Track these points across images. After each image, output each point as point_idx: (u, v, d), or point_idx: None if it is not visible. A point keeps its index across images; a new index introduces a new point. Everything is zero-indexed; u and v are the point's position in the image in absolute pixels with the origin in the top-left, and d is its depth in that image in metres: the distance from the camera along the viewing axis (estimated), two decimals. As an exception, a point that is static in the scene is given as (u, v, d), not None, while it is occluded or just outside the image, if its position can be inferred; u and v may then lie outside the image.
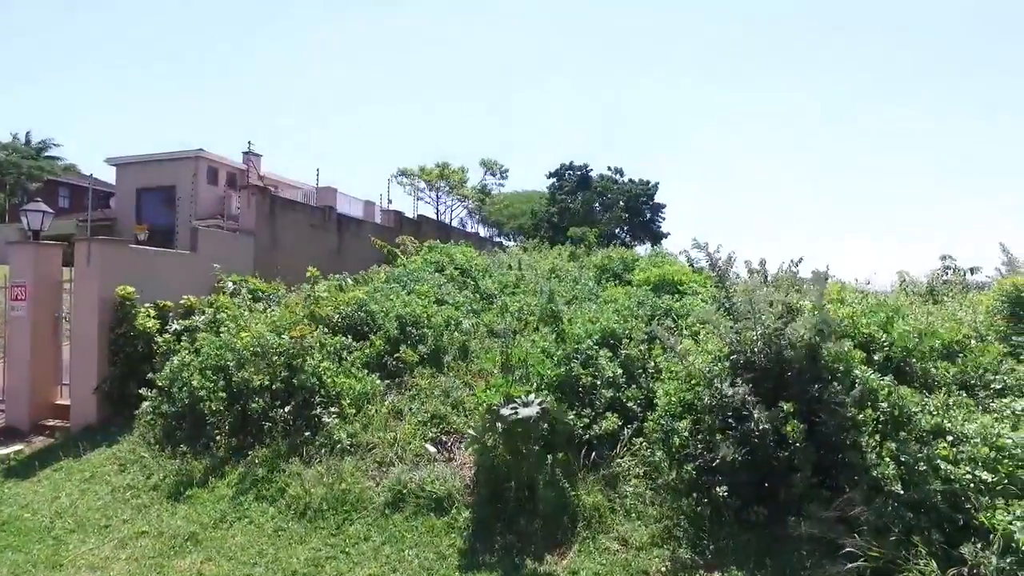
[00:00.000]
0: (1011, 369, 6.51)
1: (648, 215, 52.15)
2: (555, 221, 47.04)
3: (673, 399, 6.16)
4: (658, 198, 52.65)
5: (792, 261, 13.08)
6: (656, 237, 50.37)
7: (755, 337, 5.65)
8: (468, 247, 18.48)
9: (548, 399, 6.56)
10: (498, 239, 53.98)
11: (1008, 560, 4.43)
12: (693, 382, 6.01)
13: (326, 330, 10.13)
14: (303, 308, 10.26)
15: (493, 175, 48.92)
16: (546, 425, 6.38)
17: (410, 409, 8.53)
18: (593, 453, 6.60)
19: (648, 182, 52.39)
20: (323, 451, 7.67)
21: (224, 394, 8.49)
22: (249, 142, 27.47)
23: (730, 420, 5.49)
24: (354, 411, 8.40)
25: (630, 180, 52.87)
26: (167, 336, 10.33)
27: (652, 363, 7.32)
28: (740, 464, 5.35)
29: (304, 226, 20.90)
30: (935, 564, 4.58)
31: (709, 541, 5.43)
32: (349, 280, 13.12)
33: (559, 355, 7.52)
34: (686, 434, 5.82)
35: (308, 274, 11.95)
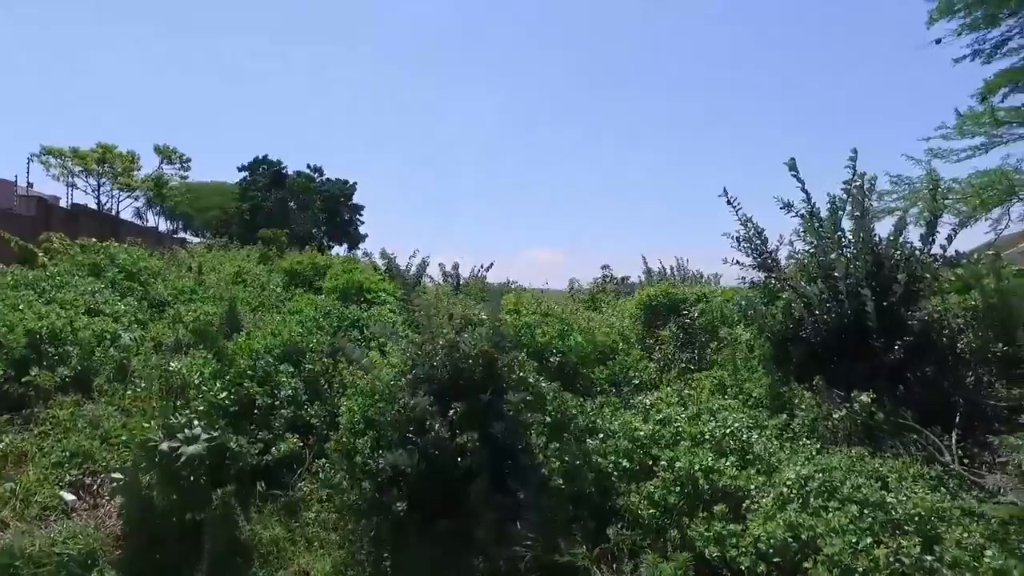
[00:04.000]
0: (645, 367, 7.82)
1: (346, 216, 51.40)
2: (247, 218, 43.40)
3: (356, 415, 5.98)
4: (357, 198, 52.22)
5: (482, 266, 14.12)
6: (354, 239, 49.96)
7: (435, 350, 5.78)
8: (137, 245, 15.99)
9: (218, 425, 5.86)
10: (182, 234, 48.13)
11: (638, 532, 5.24)
12: (376, 396, 5.92)
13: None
14: None
15: (171, 163, 42.80)
16: (210, 455, 5.68)
17: (40, 449, 6.89)
18: (272, 480, 6.09)
19: (347, 182, 51.55)
20: None
21: None
22: None
23: (411, 434, 5.51)
24: (-54, 463, 6.47)
25: (328, 179, 51.43)
26: None
27: (337, 377, 7.06)
28: (421, 477, 5.39)
29: None
30: (586, 548, 5.19)
31: (392, 560, 5.32)
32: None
33: (233, 373, 6.81)
34: (368, 450, 5.68)
35: None
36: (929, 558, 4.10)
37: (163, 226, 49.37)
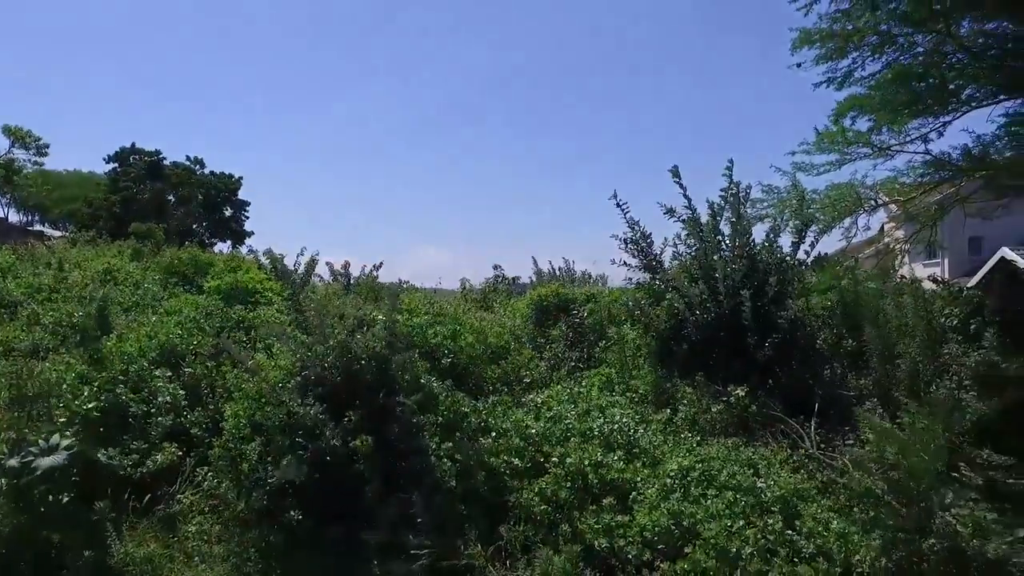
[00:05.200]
0: (536, 366, 7.98)
1: (230, 211, 48.68)
2: (118, 212, 39.91)
3: (242, 420, 5.69)
4: (243, 194, 49.58)
5: (374, 265, 13.81)
6: (239, 236, 47.41)
7: (326, 351, 5.61)
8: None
9: (81, 438, 5.37)
10: (39, 227, 43.62)
11: (530, 528, 5.35)
12: (263, 401, 5.65)
13: None
14: None
15: (25, 148, 38.40)
16: (76, 470, 5.20)
17: None
18: (148, 493, 5.69)
19: (231, 176, 48.83)
20: None
21: None
22: None
23: (301, 439, 5.32)
24: None
25: (211, 173, 48.46)
26: None
27: (221, 381, 6.68)
28: (312, 483, 5.22)
29: None
30: (481, 546, 5.22)
31: (282, 571, 5.12)
32: None
33: (101, 379, 6.26)
34: (255, 458, 5.42)
35: None
36: (790, 532, 4.62)
37: (13, 217, 44.51)
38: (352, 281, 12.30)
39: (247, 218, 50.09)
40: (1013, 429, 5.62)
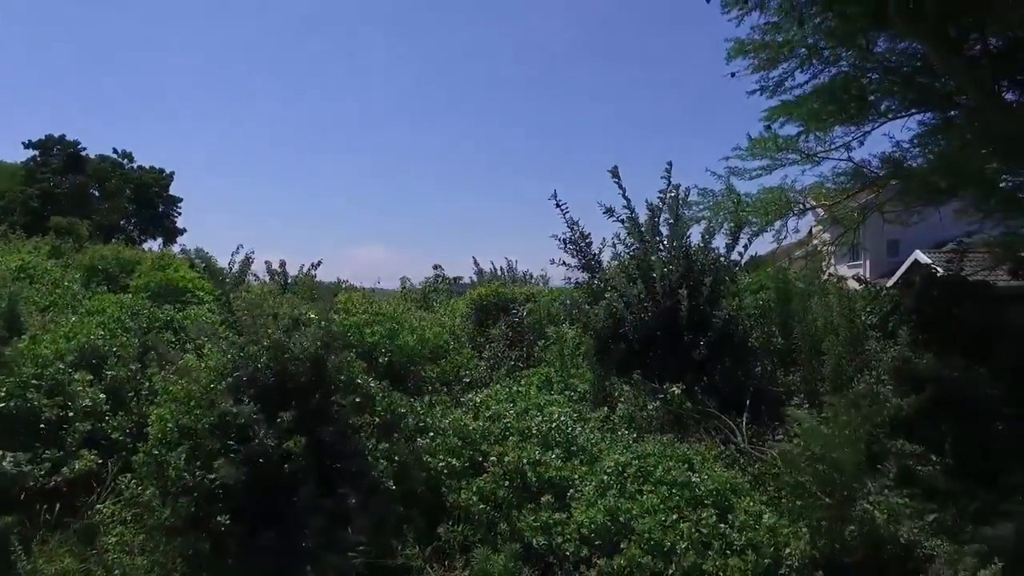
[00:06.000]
0: (476, 365, 7.96)
1: (161, 207, 46.66)
2: (35, 205, 37.64)
3: (169, 424, 5.42)
4: (175, 189, 47.65)
5: (312, 264, 13.49)
6: (171, 233, 45.47)
7: (259, 351, 5.43)
8: None
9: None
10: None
11: (469, 528, 5.32)
12: (192, 403, 5.41)
13: None
14: None
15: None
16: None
17: None
18: (63, 505, 5.34)
19: (163, 171, 46.85)
20: None
21: None
22: None
23: (233, 442, 5.12)
24: None
25: (140, 167, 46.36)
26: None
27: (147, 384, 6.36)
28: (244, 487, 5.03)
29: None
30: (419, 547, 5.17)
31: (210, 580, 4.92)
32: None
33: (10, 383, 5.86)
34: (183, 462, 5.17)
35: None
36: (723, 526, 4.76)
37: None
38: (289, 280, 12.01)
39: (179, 214, 48.19)
40: (924, 420, 5.97)
